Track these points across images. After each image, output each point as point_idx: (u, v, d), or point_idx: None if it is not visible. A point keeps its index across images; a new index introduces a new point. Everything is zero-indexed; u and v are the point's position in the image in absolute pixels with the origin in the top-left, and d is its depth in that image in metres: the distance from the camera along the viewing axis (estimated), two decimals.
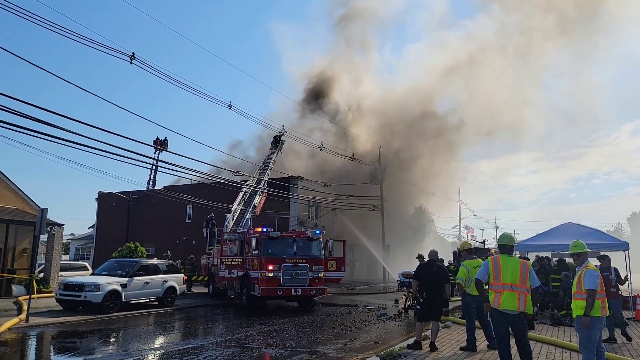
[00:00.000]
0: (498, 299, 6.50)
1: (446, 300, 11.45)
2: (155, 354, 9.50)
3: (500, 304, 6.47)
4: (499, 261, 6.67)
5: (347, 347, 10.20)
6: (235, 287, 19.61)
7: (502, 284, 6.51)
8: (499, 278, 6.55)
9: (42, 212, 14.29)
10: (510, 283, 6.48)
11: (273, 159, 28.70)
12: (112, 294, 15.52)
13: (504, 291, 6.48)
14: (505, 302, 6.44)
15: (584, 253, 6.66)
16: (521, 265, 6.62)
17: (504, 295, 6.46)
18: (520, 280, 6.48)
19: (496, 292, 6.55)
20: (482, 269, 6.88)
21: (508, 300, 6.44)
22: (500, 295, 6.49)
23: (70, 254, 48.15)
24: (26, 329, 12.48)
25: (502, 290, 6.50)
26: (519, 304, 6.41)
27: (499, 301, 6.49)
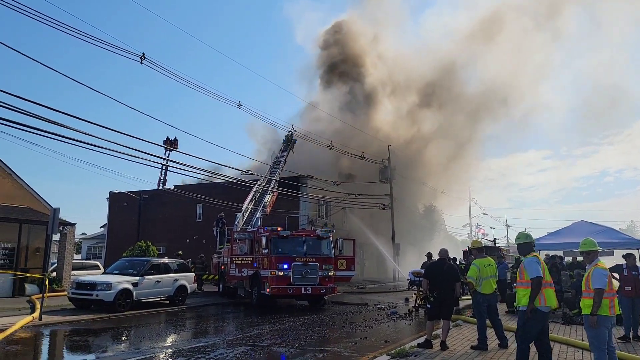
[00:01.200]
0: (544, 296, 6.44)
1: (457, 298, 11.39)
2: (166, 352, 9.56)
3: (547, 302, 6.44)
4: (540, 259, 6.72)
5: (357, 346, 10.19)
6: (246, 286, 19.67)
7: (546, 281, 6.52)
8: (544, 275, 6.54)
9: (54, 211, 14.43)
10: (550, 280, 6.58)
11: (284, 158, 28.76)
12: (123, 293, 15.65)
13: (545, 288, 6.47)
14: (549, 300, 6.46)
15: (593, 251, 6.61)
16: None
17: (547, 292, 6.46)
18: (550, 277, 6.57)
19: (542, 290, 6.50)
20: (537, 266, 6.53)
21: (550, 297, 6.47)
22: (544, 293, 6.45)
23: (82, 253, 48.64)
24: (39, 327, 12.62)
25: (545, 287, 6.49)
26: (556, 300, 6.58)
27: (545, 299, 6.43)
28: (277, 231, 18.14)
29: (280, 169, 28.38)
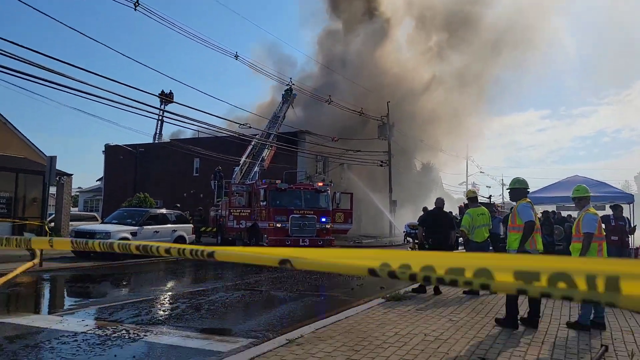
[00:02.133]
0: (535, 240, 6.62)
1: (451, 246, 11.58)
2: (167, 295, 9.79)
3: (537, 245, 6.64)
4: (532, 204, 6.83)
5: (353, 292, 10.46)
6: (244, 238, 19.96)
7: (537, 226, 6.67)
8: (536, 220, 6.69)
9: (50, 160, 14.44)
10: (538, 225, 6.73)
11: (284, 113, 28.52)
12: None
13: (535, 233, 6.63)
14: (538, 244, 6.66)
15: (585, 197, 6.75)
16: None
17: (536, 237, 6.63)
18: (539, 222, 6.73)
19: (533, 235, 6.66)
20: (529, 212, 6.64)
21: (539, 241, 6.67)
22: (534, 237, 6.62)
23: (79, 206, 48.86)
24: (40, 273, 12.84)
25: (536, 232, 6.66)
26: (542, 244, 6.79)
27: (536, 242, 6.62)
28: (275, 184, 18.27)
29: (279, 123, 28.22)
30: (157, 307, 8.48)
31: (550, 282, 0.89)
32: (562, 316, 7.26)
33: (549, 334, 6.20)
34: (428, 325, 6.57)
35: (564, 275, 0.88)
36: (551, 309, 7.85)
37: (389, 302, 8.33)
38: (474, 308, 7.89)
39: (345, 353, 5.22)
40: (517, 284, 0.93)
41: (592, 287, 0.85)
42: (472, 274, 0.97)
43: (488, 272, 0.96)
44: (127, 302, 8.83)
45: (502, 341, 5.84)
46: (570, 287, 0.87)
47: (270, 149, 26.90)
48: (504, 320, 6.62)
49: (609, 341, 5.83)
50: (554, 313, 7.52)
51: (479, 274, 0.96)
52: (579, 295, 0.88)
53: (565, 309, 7.83)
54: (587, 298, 0.88)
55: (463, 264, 0.99)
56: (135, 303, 8.69)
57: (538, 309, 6.70)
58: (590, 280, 0.86)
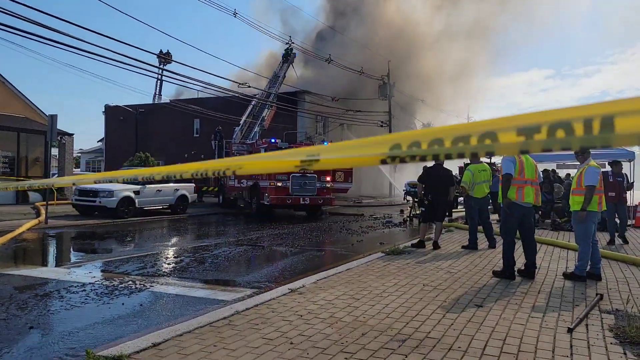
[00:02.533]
0: (522, 193, 6.70)
1: (451, 202, 11.71)
2: (171, 250, 9.98)
3: (524, 198, 6.71)
4: (522, 158, 6.84)
5: (353, 247, 10.65)
6: (245, 197, 20.11)
7: (526, 179, 6.74)
8: (524, 174, 6.75)
9: (51, 119, 14.38)
10: (531, 179, 6.79)
11: (284, 73, 28.14)
12: (126, 200, 15.99)
13: (526, 186, 6.70)
14: (527, 196, 6.73)
15: (587, 151, 6.77)
16: (534, 163, 7.00)
17: (526, 189, 6.70)
18: (536, 176, 6.84)
19: (519, 187, 6.73)
20: (510, 164, 6.80)
21: (529, 194, 6.74)
22: (523, 190, 6.70)
23: (81, 167, 49.02)
24: (46, 230, 13.04)
25: (524, 185, 6.72)
26: (535, 197, 6.84)
27: (522, 195, 6.70)
28: (276, 143, 18.28)
29: (279, 83, 27.91)
30: (162, 261, 8.66)
31: (550, 132, 0.94)
32: (559, 268, 7.42)
33: (545, 284, 6.36)
34: (427, 277, 6.73)
35: (563, 123, 0.93)
36: (548, 261, 8.02)
37: (388, 256, 8.49)
38: (472, 261, 8.05)
39: (346, 301, 5.38)
40: (519, 141, 0.98)
41: (588, 130, 0.91)
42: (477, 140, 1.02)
43: (493, 134, 1.01)
44: (132, 256, 9.02)
45: (499, 291, 6.00)
46: (568, 134, 0.92)
47: (271, 109, 26.71)
48: (501, 272, 6.78)
49: (604, 291, 5.99)
50: (551, 265, 7.69)
51: (485, 137, 1.01)
52: (576, 142, 0.93)
53: (562, 262, 8.00)
54: (584, 144, 0.93)
55: (469, 131, 1.04)
56: (141, 257, 8.87)
57: (534, 260, 6.86)
58: (587, 123, 0.91)
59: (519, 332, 4.36)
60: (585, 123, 0.92)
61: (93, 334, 4.67)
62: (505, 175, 6.83)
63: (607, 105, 0.91)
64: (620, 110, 0.88)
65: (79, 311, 5.44)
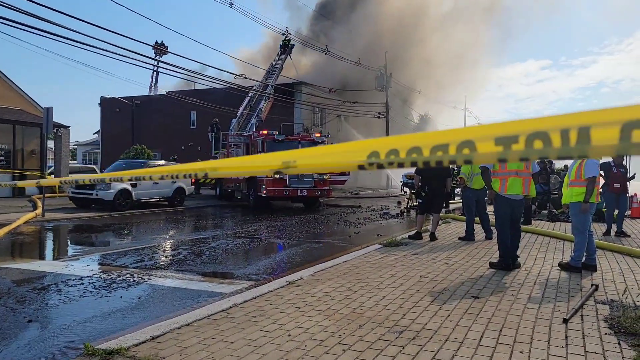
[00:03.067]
0: (504, 185, 6.71)
1: (447, 194, 11.75)
2: (169, 243, 9.99)
3: (507, 190, 6.70)
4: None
5: (351, 239, 10.68)
6: (243, 189, 20.11)
7: (508, 170, 6.72)
8: (505, 165, 6.71)
9: (47, 111, 14.33)
10: (516, 169, 6.71)
11: (281, 64, 27.98)
12: (122, 193, 15.96)
13: (509, 177, 6.69)
14: (511, 188, 6.69)
15: None
16: None
17: (510, 181, 6.69)
18: (525, 166, 6.71)
19: (502, 179, 6.75)
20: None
21: (514, 186, 6.69)
22: (506, 181, 6.70)
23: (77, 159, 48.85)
24: (43, 223, 13.03)
25: (507, 176, 6.71)
26: (524, 188, 6.75)
27: (505, 187, 6.71)
28: (273, 135, 18.24)
29: (276, 74, 27.78)
30: (160, 254, 8.67)
31: (528, 142, 0.96)
32: (554, 259, 7.46)
33: (541, 275, 6.40)
34: (424, 268, 6.76)
35: (540, 134, 0.95)
36: (544, 252, 8.07)
37: (386, 247, 8.53)
38: (469, 252, 8.09)
39: (343, 293, 5.41)
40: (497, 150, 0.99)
41: (565, 141, 0.92)
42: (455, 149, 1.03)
43: (471, 144, 1.02)
44: (129, 249, 9.03)
45: (496, 282, 6.04)
46: (545, 145, 0.94)
47: (268, 101, 26.63)
48: (498, 263, 6.82)
49: (599, 281, 6.04)
50: (547, 256, 7.73)
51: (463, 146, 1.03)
52: (554, 153, 0.94)
53: (558, 253, 8.05)
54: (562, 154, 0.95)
55: (447, 140, 1.05)
56: (138, 250, 8.88)
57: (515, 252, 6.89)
58: (564, 134, 0.92)
59: (514, 323, 4.40)
60: (562, 134, 0.93)
61: (91, 327, 4.69)
62: (481, 168, 7.09)
63: (584, 115, 0.92)
64: (597, 121, 0.90)
65: (77, 304, 5.46)
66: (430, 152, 1.07)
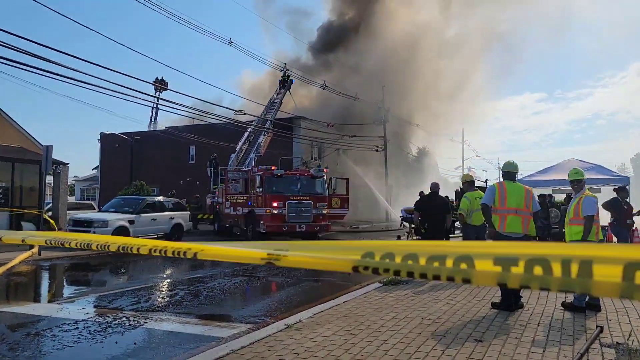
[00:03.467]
0: (503, 223, 6.67)
1: (447, 230, 11.67)
2: (166, 282, 9.85)
3: (506, 228, 6.64)
4: (505, 186, 6.82)
5: (350, 277, 10.53)
6: (241, 224, 20.01)
7: (508, 208, 6.67)
8: (505, 202, 6.70)
9: (47, 149, 14.37)
10: (515, 207, 6.67)
11: (281, 99, 28.26)
12: (120, 230, 15.85)
13: (508, 215, 6.65)
14: (510, 226, 6.63)
15: (582, 180, 6.80)
16: (525, 190, 6.81)
17: (509, 219, 6.64)
18: (524, 205, 6.67)
19: (501, 217, 6.71)
20: (488, 194, 6.97)
21: (513, 224, 6.63)
22: (505, 219, 6.65)
23: (75, 195, 48.79)
24: (39, 262, 12.88)
25: (507, 214, 6.66)
26: (523, 226, 6.64)
27: (504, 225, 6.66)
28: (272, 170, 18.28)
29: (276, 109, 28.03)
30: (156, 294, 8.54)
31: (527, 267, 0.93)
32: (557, 298, 7.35)
33: (544, 316, 6.29)
34: (425, 309, 6.65)
35: (541, 260, 0.92)
36: (547, 291, 7.95)
37: (386, 286, 8.41)
38: (471, 291, 7.98)
39: (343, 337, 5.30)
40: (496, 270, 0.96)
41: (566, 272, 0.89)
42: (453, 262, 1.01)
43: (469, 259, 0.99)
44: (126, 289, 8.90)
45: (499, 323, 5.93)
46: (546, 272, 0.91)
47: (267, 135, 26.78)
48: (500, 303, 6.71)
49: (604, 322, 5.93)
50: (550, 295, 7.62)
51: (461, 260, 1.00)
52: (555, 284, 0.91)
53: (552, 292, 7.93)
54: (563, 287, 0.92)
55: (445, 252, 1.03)
56: (135, 290, 8.75)
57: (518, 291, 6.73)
58: (565, 264, 0.89)
59: None
60: (564, 264, 0.91)
61: None
62: (482, 205, 7.07)
63: (586, 248, 0.90)
64: (600, 255, 0.88)
65: (71, 351, 5.33)
66: (426, 261, 1.05)
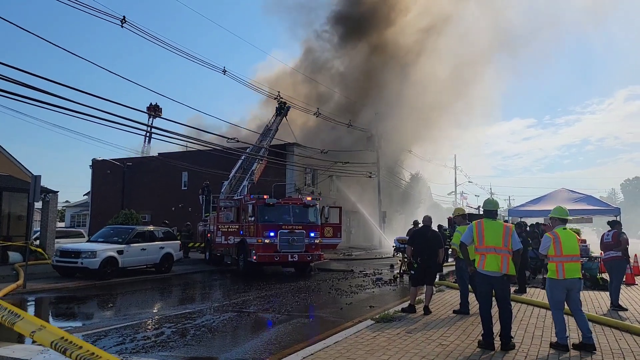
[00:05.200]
0: (483, 261, 6.60)
1: (440, 265, 11.55)
2: (153, 319, 9.60)
3: (484, 267, 6.56)
4: (483, 225, 6.74)
5: (342, 312, 10.33)
6: (232, 254, 19.74)
7: (486, 246, 6.60)
8: (483, 241, 6.63)
9: (35, 179, 14.17)
10: (494, 246, 6.57)
11: (276, 126, 28.16)
12: (109, 261, 15.58)
13: (488, 254, 6.56)
14: (489, 265, 6.54)
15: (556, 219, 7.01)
16: (504, 228, 6.70)
17: (488, 257, 6.54)
18: (502, 243, 6.56)
19: (481, 255, 6.64)
20: (467, 233, 6.98)
21: (491, 263, 6.54)
22: (485, 257, 6.57)
23: (65, 221, 48.25)
24: (24, 295, 12.58)
25: (486, 253, 6.59)
26: (502, 266, 6.51)
27: (483, 264, 6.60)
28: (264, 199, 18.11)
29: (271, 136, 27.93)
30: (142, 333, 8.28)
31: None
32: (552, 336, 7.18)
33: (539, 358, 6.12)
34: (418, 350, 6.47)
35: None
36: (541, 328, 7.80)
37: (378, 323, 8.22)
38: (464, 330, 7.81)
39: None
40: None
41: None
42: None
43: None
44: (111, 327, 8.64)
45: None
46: None
47: (261, 163, 26.65)
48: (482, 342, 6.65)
49: None
50: (544, 333, 7.45)
51: None
52: None
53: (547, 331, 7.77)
54: None
55: None
56: (120, 329, 8.50)
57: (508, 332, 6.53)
58: None
59: None
60: None
61: None
62: (460, 244, 7.28)
63: None
64: None
65: None
66: None
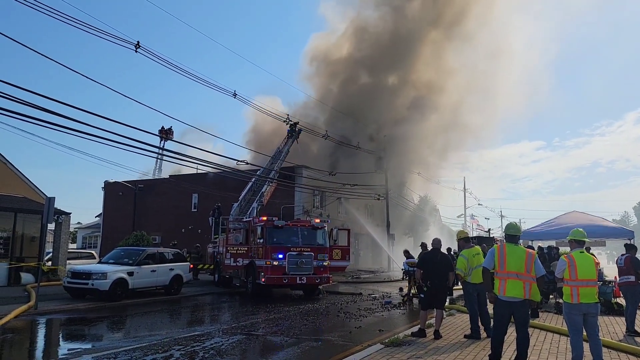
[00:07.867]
0: (503, 287, 6.55)
1: (450, 288, 11.49)
2: (162, 341, 9.62)
3: (505, 292, 6.52)
4: (505, 249, 6.73)
5: (351, 335, 10.29)
6: (241, 275, 19.75)
7: (508, 272, 6.57)
8: (504, 266, 6.60)
9: (49, 201, 14.40)
10: (516, 271, 6.54)
11: (287, 149, 28.33)
12: (119, 282, 15.67)
13: (509, 279, 6.53)
14: (509, 291, 6.50)
15: (574, 241, 6.92)
16: (527, 254, 6.68)
17: (509, 283, 6.52)
18: (525, 269, 6.54)
19: (501, 280, 6.61)
20: (489, 257, 6.91)
21: (512, 288, 6.50)
22: (505, 283, 6.54)
23: (77, 242, 48.58)
24: (35, 316, 12.68)
25: (507, 278, 6.55)
26: (525, 291, 6.48)
27: (504, 290, 6.53)
28: (273, 221, 18.20)
29: (282, 159, 28.08)
30: (151, 355, 8.31)
31: None
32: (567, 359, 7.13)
33: None
34: None
35: None
36: (555, 354, 7.73)
37: (388, 347, 8.18)
38: (475, 355, 7.75)
39: None
40: None
41: None
42: None
43: None
44: (120, 349, 8.68)
45: None
46: None
47: (271, 185, 26.76)
48: None
49: None
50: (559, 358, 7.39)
51: None
52: None
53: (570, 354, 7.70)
54: None
55: None
56: (129, 351, 8.54)
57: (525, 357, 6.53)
58: None
59: None
60: None
61: None
62: (482, 269, 7.15)
63: None
64: None
65: None
66: None
